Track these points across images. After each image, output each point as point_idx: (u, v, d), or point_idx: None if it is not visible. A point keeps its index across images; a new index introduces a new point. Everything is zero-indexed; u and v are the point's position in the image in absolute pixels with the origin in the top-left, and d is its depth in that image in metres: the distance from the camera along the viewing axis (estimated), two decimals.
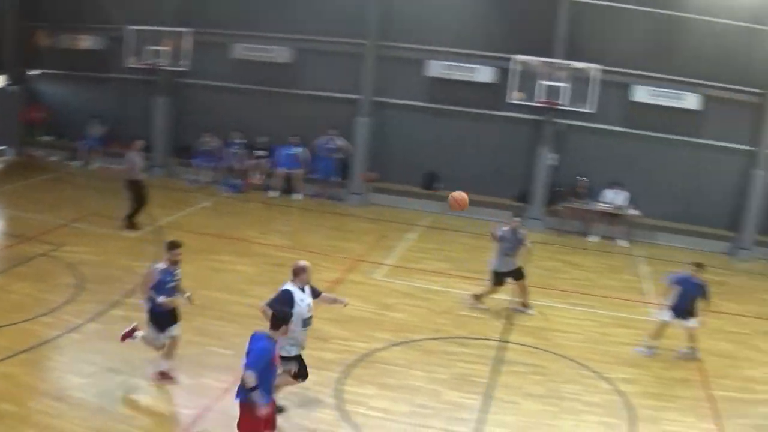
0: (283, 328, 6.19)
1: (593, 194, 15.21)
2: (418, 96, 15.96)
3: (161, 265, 7.64)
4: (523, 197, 15.59)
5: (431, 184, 16.20)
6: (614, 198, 15.05)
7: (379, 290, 11.26)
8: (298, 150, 16.11)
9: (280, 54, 16.43)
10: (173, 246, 7.73)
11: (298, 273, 7.11)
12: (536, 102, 14.62)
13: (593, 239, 15.04)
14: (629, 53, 14.68)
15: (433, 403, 8.05)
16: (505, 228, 10.41)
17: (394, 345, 9.32)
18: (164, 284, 7.58)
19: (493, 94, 15.21)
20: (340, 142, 16.09)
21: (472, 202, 9.25)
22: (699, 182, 14.96)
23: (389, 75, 15.86)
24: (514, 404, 8.08)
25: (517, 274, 10.50)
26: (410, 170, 16.16)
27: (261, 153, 16.67)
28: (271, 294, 7.17)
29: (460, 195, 9.10)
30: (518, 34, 14.95)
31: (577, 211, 15.19)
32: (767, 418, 8.64)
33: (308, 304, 7.07)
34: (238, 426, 6.16)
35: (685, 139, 14.82)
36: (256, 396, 5.94)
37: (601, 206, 15.05)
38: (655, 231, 15.15)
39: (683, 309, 9.51)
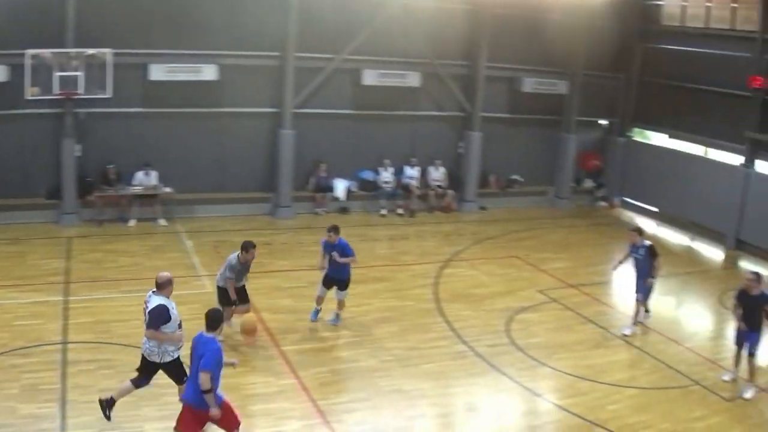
0: (221, 327, 6.93)
1: (126, 179, 14.97)
2: None
3: None
4: (55, 193, 14.66)
5: None
6: (145, 179, 15.01)
7: None
8: None
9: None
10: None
11: (165, 285, 7.51)
12: (54, 95, 13.85)
13: (132, 224, 14.89)
14: (143, 33, 14.72)
15: (12, 420, 7.74)
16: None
17: None
18: None
19: (8, 92, 13.82)
20: None
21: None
22: (229, 150, 16.05)
23: None
24: (91, 403, 7.85)
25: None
26: None
27: None
28: None
29: (250, 326, 9.61)
30: (28, 28, 13.74)
31: (110, 198, 14.78)
32: (343, 362, 10.06)
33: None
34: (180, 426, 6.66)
35: (208, 110, 15.65)
36: (210, 398, 6.37)
37: (134, 189, 14.91)
38: (194, 205, 15.76)
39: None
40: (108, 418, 7.45)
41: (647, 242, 11.64)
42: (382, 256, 14.67)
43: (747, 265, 14.86)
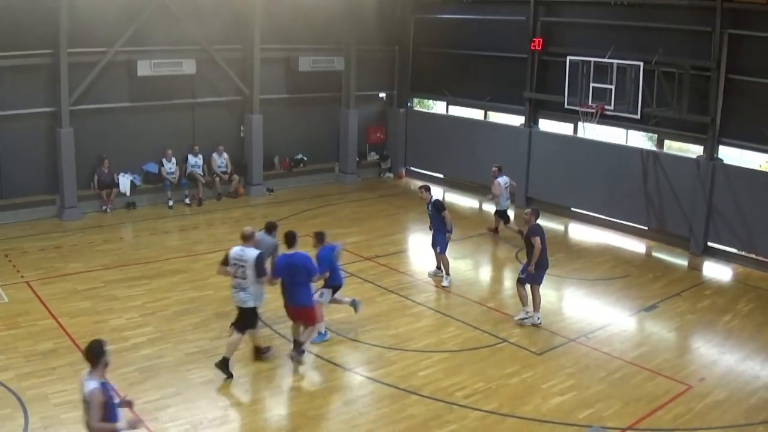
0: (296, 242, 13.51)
1: None
2: None
3: None
4: None
5: None
6: None
7: None
8: None
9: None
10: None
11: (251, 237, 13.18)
12: None
13: None
14: None
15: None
16: None
17: None
18: None
19: None
20: None
21: None
22: (5, 155, 21.19)
23: None
24: None
25: None
26: None
27: None
28: None
29: None
30: None
31: None
32: (148, 359, 13.35)
33: None
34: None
35: None
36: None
37: None
38: None
39: None
40: (231, 375, 12.63)
41: (433, 197, 18.08)
42: (175, 247, 20.19)
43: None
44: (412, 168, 29.43)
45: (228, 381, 12.77)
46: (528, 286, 15.78)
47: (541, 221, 16.13)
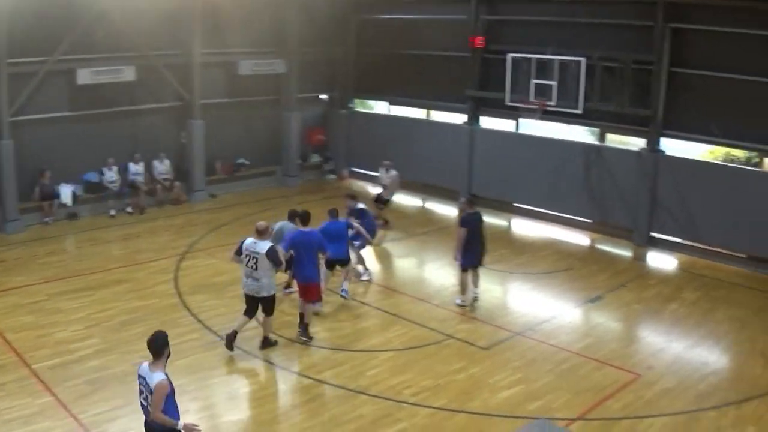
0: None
1: None
2: None
3: None
4: None
5: None
6: None
7: None
8: None
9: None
10: None
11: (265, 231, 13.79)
12: None
13: None
14: None
15: None
16: None
17: None
18: None
19: None
20: None
21: None
22: None
23: None
24: None
25: None
26: None
27: None
28: None
29: None
30: None
31: None
32: (96, 371, 13.18)
33: None
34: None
35: None
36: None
37: None
38: None
39: None
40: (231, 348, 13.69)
41: (360, 205, 18.76)
42: (118, 257, 19.98)
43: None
44: (354, 169, 29.43)
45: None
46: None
47: (486, 217, 16.93)
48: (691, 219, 20.36)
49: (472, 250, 16.37)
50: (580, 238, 22.24)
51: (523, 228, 23.42)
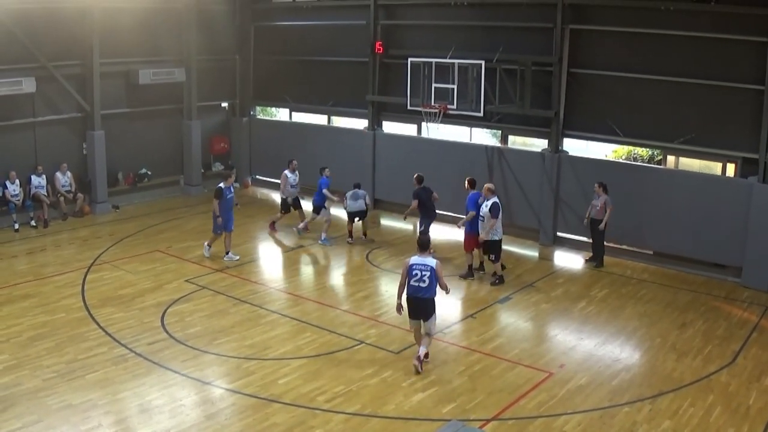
0: None
1: None
2: None
3: None
4: None
5: None
6: None
7: None
8: None
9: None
10: None
11: None
12: None
13: None
14: None
15: None
16: None
17: None
18: None
19: None
20: None
21: None
22: None
23: None
24: None
25: None
26: None
27: None
28: None
29: None
30: None
31: None
32: (6, 388, 12.80)
33: None
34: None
35: None
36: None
37: None
38: None
39: None
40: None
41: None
42: (23, 272, 19.44)
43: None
44: (257, 176, 29.35)
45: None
46: None
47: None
48: None
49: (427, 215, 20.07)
50: None
51: (430, 231, 23.25)
